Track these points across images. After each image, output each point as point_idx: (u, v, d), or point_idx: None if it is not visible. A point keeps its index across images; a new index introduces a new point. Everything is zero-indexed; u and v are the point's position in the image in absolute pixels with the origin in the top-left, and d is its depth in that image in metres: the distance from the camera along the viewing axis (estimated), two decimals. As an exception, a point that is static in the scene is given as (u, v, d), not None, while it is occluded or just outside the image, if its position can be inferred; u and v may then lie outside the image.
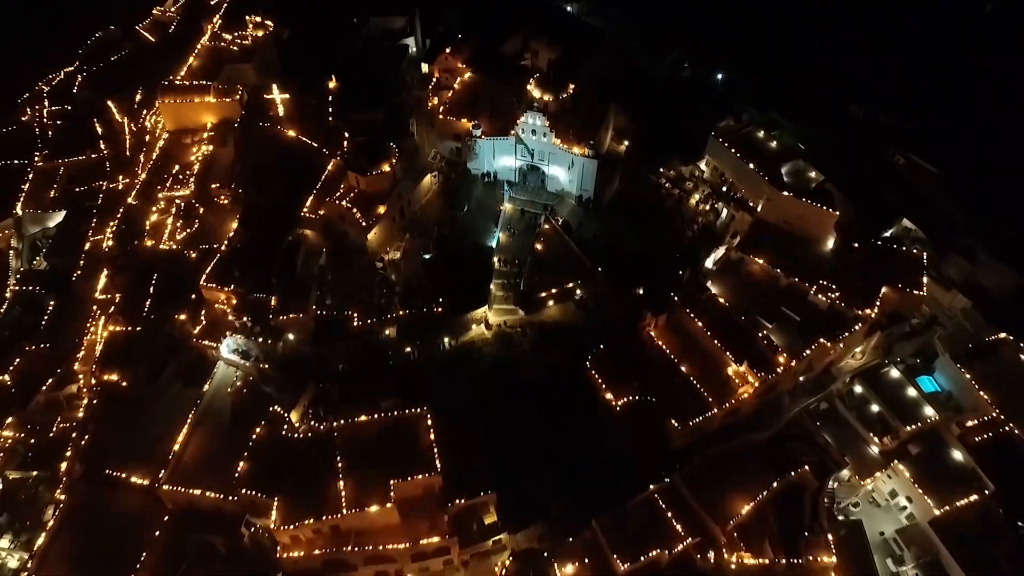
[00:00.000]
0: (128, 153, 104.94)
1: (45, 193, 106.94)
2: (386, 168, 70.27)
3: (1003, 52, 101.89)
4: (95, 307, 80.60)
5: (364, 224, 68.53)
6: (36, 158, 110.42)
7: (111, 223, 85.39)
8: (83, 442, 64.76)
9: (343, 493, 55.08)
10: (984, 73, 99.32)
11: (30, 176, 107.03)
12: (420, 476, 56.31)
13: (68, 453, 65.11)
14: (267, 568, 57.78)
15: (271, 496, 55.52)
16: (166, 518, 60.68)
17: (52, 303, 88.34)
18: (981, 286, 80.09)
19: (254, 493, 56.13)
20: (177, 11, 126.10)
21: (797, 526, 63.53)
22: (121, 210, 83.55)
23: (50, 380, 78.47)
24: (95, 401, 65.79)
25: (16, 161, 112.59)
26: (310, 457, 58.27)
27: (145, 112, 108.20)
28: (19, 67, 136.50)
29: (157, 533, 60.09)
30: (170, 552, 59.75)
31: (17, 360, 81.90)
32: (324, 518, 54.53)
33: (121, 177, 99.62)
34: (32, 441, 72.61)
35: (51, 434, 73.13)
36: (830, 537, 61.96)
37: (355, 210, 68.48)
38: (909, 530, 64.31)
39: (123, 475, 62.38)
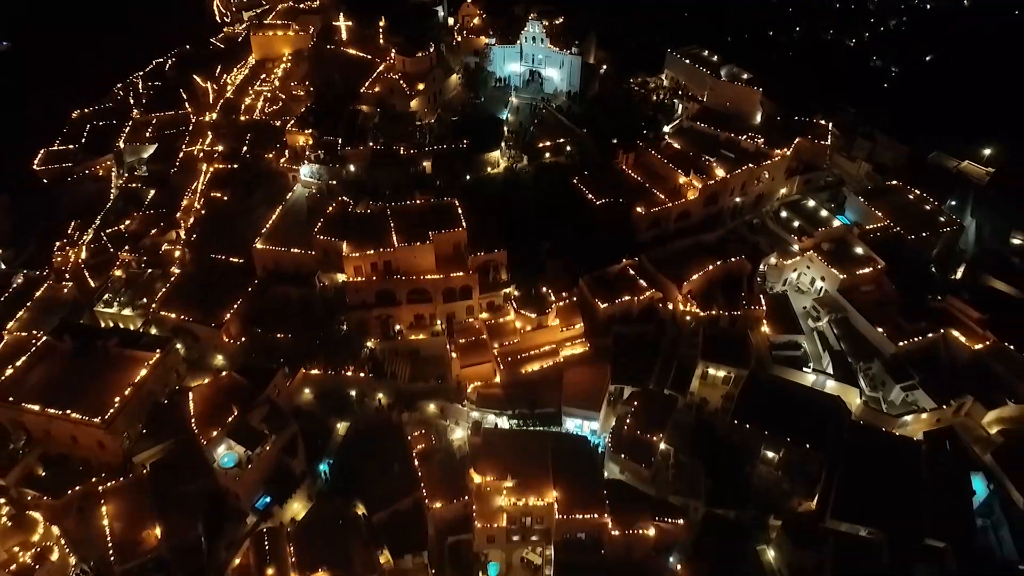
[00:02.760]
0: (211, 102, 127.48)
1: (140, 136, 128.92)
2: (422, 54, 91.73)
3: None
4: (192, 184, 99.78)
5: (408, 93, 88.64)
6: (134, 114, 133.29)
7: (207, 132, 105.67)
8: (192, 238, 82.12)
9: (394, 238, 71.96)
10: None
11: (128, 126, 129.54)
12: (451, 230, 73.27)
13: (180, 246, 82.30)
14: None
15: (342, 240, 72.21)
16: (256, 281, 77.46)
17: (152, 192, 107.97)
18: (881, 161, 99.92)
19: (330, 239, 72.73)
20: (245, 28, 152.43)
21: (737, 298, 79.67)
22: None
23: (155, 229, 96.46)
24: (203, 211, 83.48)
25: (114, 121, 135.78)
26: (371, 223, 75.30)
27: (225, 76, 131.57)
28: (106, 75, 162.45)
29: (250, 289, 76.75)
30: (256, 301, 76.15)
31: (127, 221, 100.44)
32: (380, 251, 71.03)
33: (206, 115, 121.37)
34: (144, 258, 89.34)
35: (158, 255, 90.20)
36: (762, 299, 77.96)
37: (402, 82, 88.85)
38: (823, 299, 79.80)
39: (223, 256, 79.60)
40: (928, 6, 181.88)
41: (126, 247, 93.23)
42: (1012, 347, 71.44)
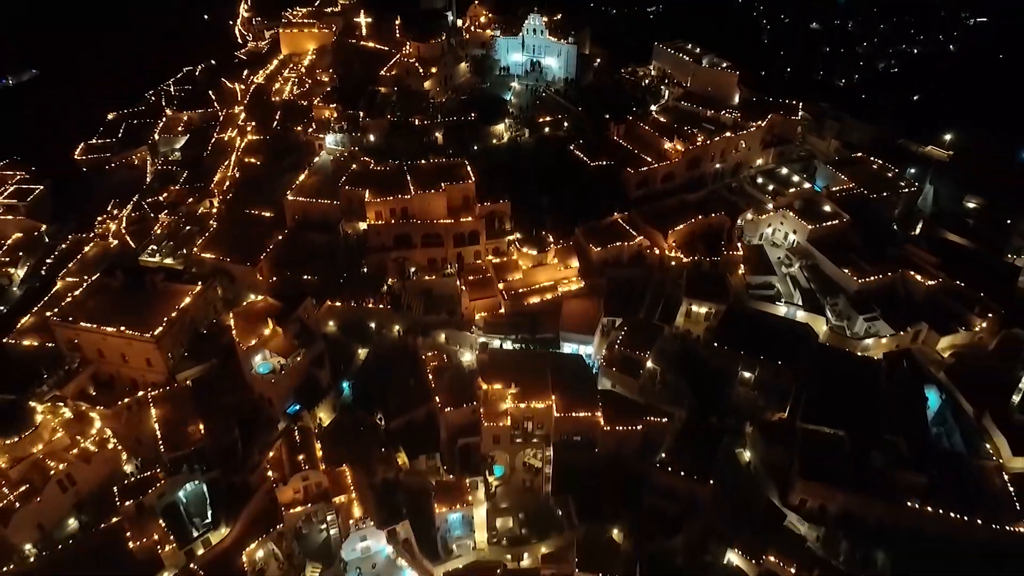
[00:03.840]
0: (239, 100, 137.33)
1: (173, 130, 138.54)
2: (435, 41, 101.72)
3: None
4: (224, 163, 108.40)
5: (422, 75, 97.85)
6: (167, 112, 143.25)
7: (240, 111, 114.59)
8: (228, 197, 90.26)
9: (411, 187, 79.98)
10: None
11: (162, 123, 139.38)
12: (460, 183, 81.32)
13: (216, 199, 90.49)
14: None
15: (364, 189, 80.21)
16: (286, 230, 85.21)
17: (186, 172, 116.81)
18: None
19: (354, 188, 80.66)
20: (267, 44, 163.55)
21: (717, 246, 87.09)
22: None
23: (191, 199, 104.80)
24: (237, 175, 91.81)
25: (148, 120, 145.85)
26: (390, 177, 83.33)
27: (252, 77, 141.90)
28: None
29: (280, 237, 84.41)
30: (286, 248, 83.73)
31: (165, 194, 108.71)
32: (398, 197, 78.94)
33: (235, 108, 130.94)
34: (182, 219, 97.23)
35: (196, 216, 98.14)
36: (739, 246, 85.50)
37: (417, 64, 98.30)
38: (795, 249, 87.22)
39: (255, 211, 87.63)
40: (915, 51, 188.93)
41: (165, 211, 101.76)
42: (963, 284, 79.01)
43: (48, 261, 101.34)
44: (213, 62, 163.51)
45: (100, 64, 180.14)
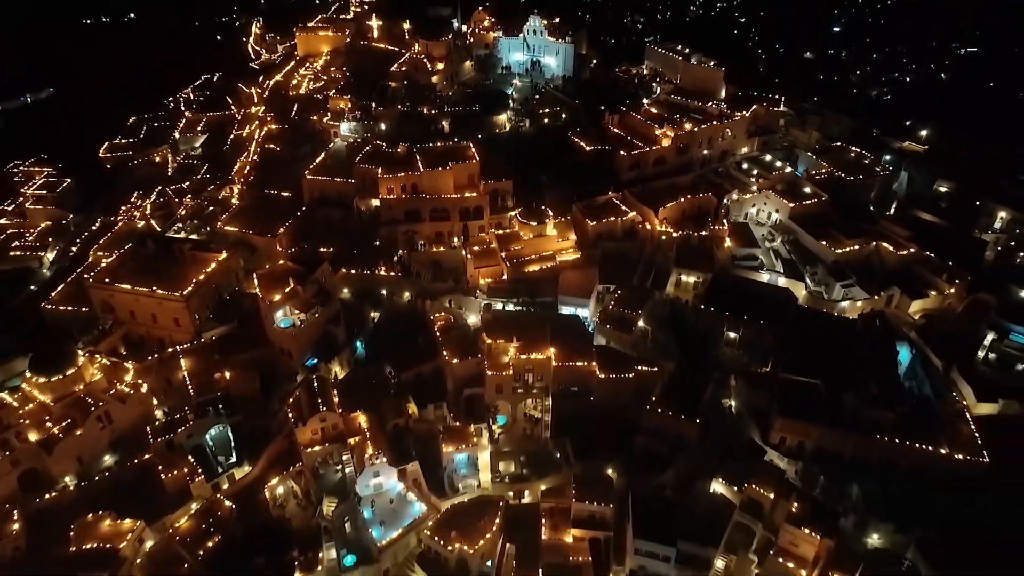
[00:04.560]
0: (255, 101, 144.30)
1: (192, 130, 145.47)
2: (442, 39, 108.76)
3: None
4: (242, 155, 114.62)
5: (430, 69, 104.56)
6: (186, 114, 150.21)
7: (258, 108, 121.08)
8: (249, 179, 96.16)
9: (420, 165, 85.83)
10: None
11: (182, 124, 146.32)
12: (466, 162, 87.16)
13: (236, 186, 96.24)
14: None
15: (378, 167, 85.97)
16: (303, 208, 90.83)
17: (206, 165, 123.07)
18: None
19: (368, 167, 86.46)
20: (280, 56, 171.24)
21: (704, 223, 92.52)
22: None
23: (212, 185, 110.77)
24: (257, 159, 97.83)
25: (168, 123, 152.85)
26: (400, 158, 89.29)
27: (267, 81, 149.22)
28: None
29: (299, 213, 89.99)
30: (304, 223, 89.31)
31: (188, 182, 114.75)
32: (409, 174, 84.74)
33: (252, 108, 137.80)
34: (205, 202, 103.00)
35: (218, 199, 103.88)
36: (725, 223, 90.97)
37: (426, 60, 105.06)
38: (777, 226, 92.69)
39: (275, 192, 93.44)
40: (908, 79, 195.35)
41: (188, 195, 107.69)
42: (932, 254, 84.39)
43: (74, 249, 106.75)
44: (221, 73, 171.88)
45: (115, 80, 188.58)
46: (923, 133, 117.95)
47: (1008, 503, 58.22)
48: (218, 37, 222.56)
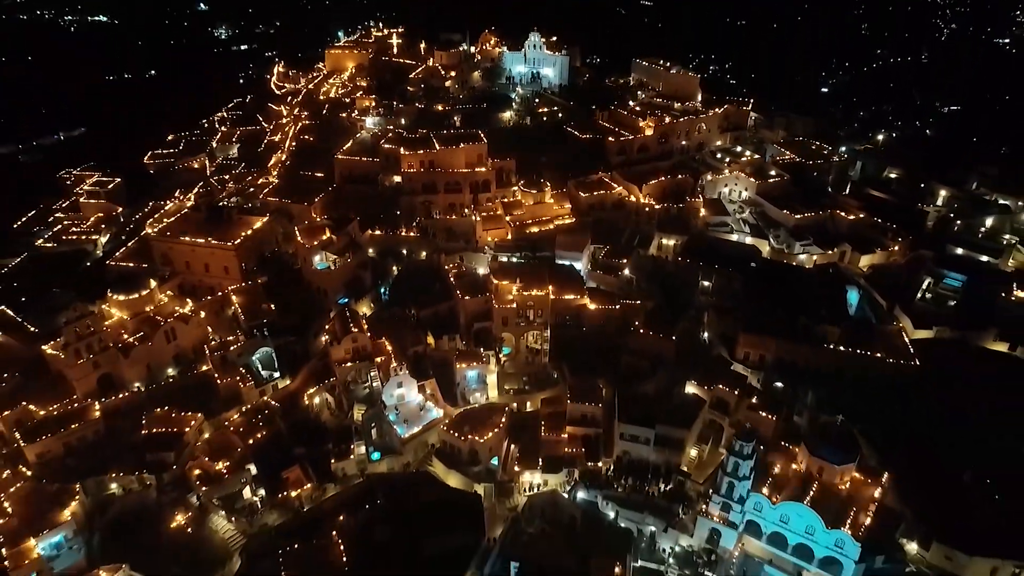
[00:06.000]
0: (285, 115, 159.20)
1: (228, 141, 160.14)
2: (454, 51, 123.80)
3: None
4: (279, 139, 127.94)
5: (444, 75, 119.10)
6: (221, 128, 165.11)
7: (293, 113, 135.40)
8: (286, 163, 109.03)
9: (436, 145, 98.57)
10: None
11: (217, 136, 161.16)
12: (475, 143, 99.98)
13: (272, 176, 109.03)
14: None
15: (400, 146, 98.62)
16: (334, 184, 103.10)
17: (243, 164, 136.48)
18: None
19: (392, 147, 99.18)
20: (306, 83, 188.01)
21: (682, 198, 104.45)
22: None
23: (250, 177, 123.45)
24: (292, 148, 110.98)
25: (205, 138, 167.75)
26: (418, 139, 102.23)
27: (294, 101, 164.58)
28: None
29: (330, 188, 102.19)
30: (336, 195, 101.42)
31: (228, 176, 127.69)
32: (426, 151, 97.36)
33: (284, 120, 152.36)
34: (247, 188, 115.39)
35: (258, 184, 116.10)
36: (700, 197, 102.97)
37: (440, 68, 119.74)
38: (747, 201, 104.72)
39: (310, 172, 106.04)
40: (894, 135, 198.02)
41: (230, 183, 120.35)
42: (879, 220, 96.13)
43: (124, 236, 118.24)
44: (250, 96, 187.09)
45: (144, 121, 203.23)
46: (879, 137, 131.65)
47: (935, 405, 67.64)
48: (240, 78, 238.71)
